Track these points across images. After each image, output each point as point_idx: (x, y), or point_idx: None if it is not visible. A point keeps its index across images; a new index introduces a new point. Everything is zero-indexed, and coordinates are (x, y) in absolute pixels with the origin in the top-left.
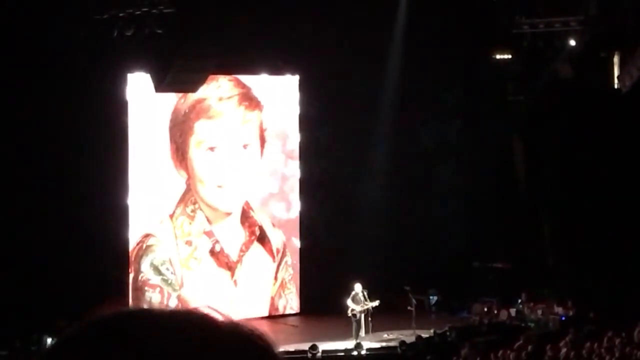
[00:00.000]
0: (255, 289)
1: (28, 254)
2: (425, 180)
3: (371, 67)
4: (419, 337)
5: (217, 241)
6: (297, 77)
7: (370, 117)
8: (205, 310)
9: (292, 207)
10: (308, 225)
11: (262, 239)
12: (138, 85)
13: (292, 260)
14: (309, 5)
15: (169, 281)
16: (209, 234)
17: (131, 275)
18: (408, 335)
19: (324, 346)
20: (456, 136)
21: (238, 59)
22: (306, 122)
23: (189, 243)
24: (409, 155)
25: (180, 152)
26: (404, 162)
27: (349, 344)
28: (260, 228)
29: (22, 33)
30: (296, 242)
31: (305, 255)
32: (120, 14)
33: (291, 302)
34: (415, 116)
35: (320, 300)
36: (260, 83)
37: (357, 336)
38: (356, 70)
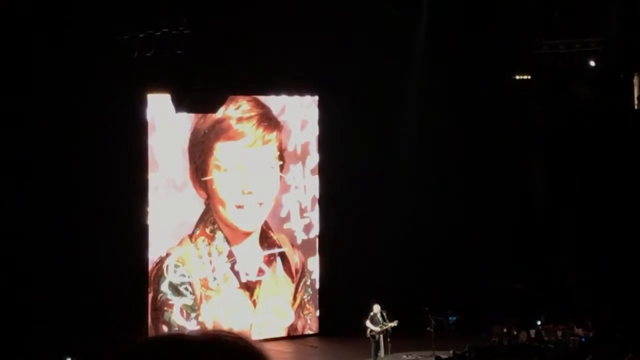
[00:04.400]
0: (274, 309)
1: (48, 273)
2: (445, 200)
3: (390, 87)
4: (438, 358)
5: (236, 261)
6: (316, 98)
7: (390, 137)
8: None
9: (311, 228)
10: (327, 246)
11: (282, 259)
12: (158, 106)
13: (311, 281)
14: (328, 26)
15: (188, 302)
16: (228, 254)
17: (150, 295)
18: (427, 356)
19: None
20: (475, 157)
21: (257, 80)
22: (325, 142)
23: (208, 263)
24: (429, 175)
25: (199, 172)
26: (424, 183)
27: None
28: (280, 248)
29: (43, 53)
30: (315, 263)
31: (324, 276)
32: (141, 35)
33: (310, 323)
34: (434, 136)
35: (339, 320)
36: (280, 103)
37: (375, 357)
38: (375, 90)
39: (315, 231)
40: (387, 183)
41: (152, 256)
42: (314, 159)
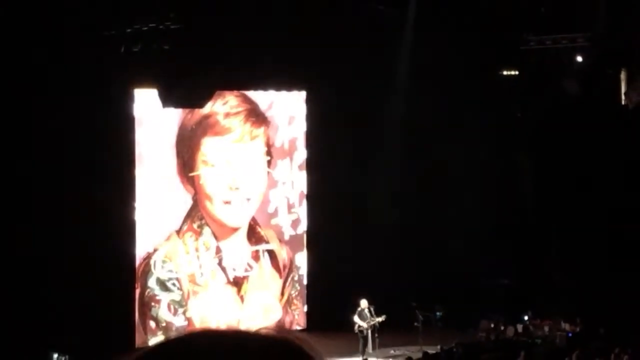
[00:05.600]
0: (262, 305)
1: (35, 269)
2: (432, 196)
3: (378, 83)
4: (425, 354)
5: (223, 257)
6: (304, 93)
7: (377, 134)
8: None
9: (299, 223)
10: (315, 241)
11: (269, 255)
12: (145, 101)
13: (299, 277)
14: (316, 21)
15: (176, 297)
16: (215, 249)
17: (137, 291)
18: (414, 352)
19: None
20: (462, 153)
21: (245, 75)
22: (313, 138)
23: (195, 259)
24: (416, 171)
25: (187, 168)
26: (411, 179)
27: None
28: (267, 244)
29: (29, 48)
30: (303, 258)
31: (312, 272)
32: (128, 30)
33: (298, 318)
34: (421, 132)
35: (326, 316)
36: (267, 99)
37: (363, 352)
38: (363, 86)
39: (303, 227)
40: (375, 178)
41: (139, 252)
42: (301, 154)
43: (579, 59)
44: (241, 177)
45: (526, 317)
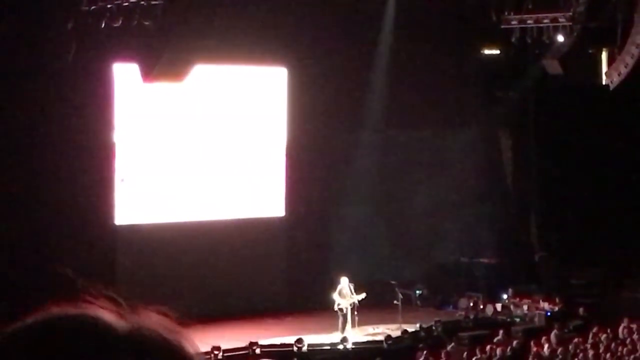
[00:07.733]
0: None
1: (18, 244)
2: (413, 174)
3: (360, 61)
4: (404, 332)
5: None
6: (285, 70)
7: (359, 111)
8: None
9: (279, 201)
10: (295, 220)
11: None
12: (125, 76)
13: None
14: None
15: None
16: None
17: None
18: (394, 330)
19: (310, 340)
20: (444, 131)
21: (226, 50)
22: (294, 115)
23: None
24: (397, 148)
25: (167, 143)
26: (392, 156)
27: (335, 337)
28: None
29: (9, 23)
30: (283, 236)
31: (292, 250)
32: (108, 5)
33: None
34: (403, 110)
35: (306, 294)
36: (248, 74)
37: (343, 330)
38: (345, 63)
39: (283, 204)
40: (356, 157)
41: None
42: (282, 131)
43: (561, 38)
44: (221, 154)
45: (505, 296)
